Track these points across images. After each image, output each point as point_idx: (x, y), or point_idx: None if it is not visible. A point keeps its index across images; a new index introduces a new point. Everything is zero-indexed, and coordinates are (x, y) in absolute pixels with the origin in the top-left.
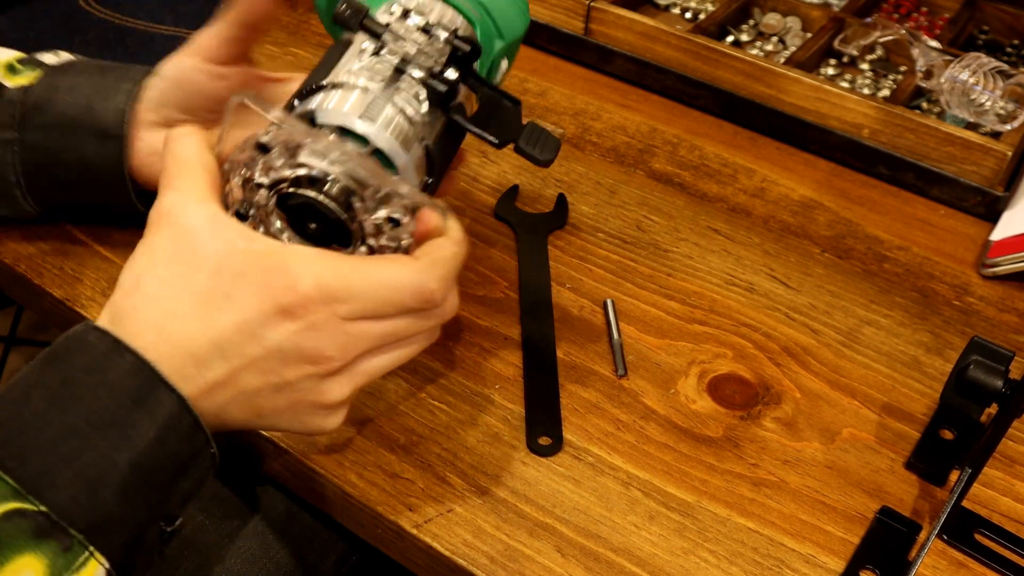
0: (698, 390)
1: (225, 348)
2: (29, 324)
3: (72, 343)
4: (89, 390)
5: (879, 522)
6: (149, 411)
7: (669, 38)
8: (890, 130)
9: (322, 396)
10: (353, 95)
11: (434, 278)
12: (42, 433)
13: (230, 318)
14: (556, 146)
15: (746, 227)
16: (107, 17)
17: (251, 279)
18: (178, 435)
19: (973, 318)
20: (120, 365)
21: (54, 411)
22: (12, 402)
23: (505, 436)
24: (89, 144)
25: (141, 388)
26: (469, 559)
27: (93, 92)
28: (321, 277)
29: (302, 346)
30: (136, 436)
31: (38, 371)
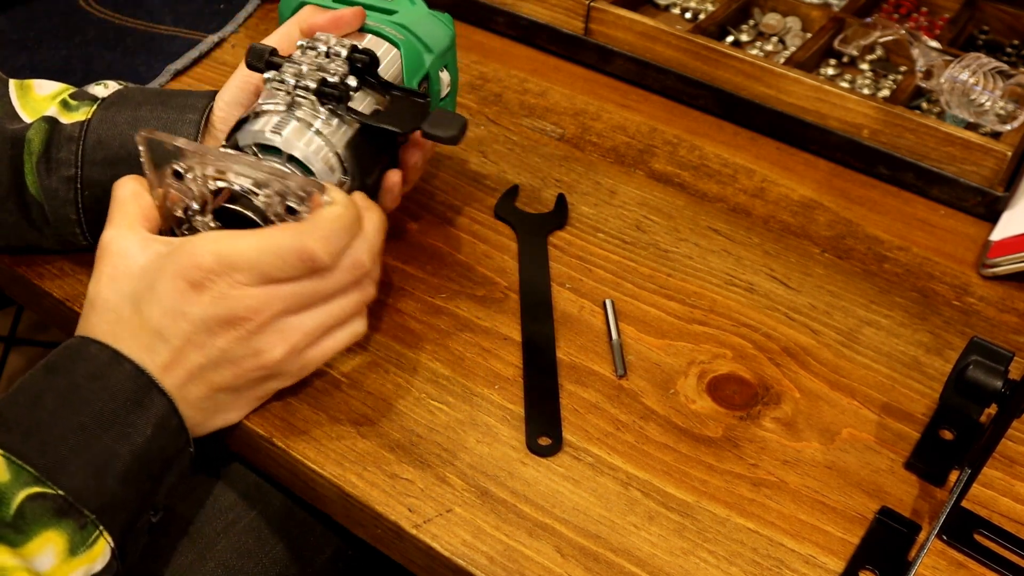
0: (698, 390)
1: (163, 333)
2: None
3: (73, 353)
4: (94, 393)
5: (879, 522)
6: (145, 411)
7: (669, 38)
8: (890, 130)
9: (259, 356)
10: (264, 117)
11: (313, 239)
12: (55, 429)
13: (158, 306)
14: (460, 123)
15: (746, 227)
16: (107, 17)
17: (166, 270)
18: (168, 433)
19: (973, 318)
20: (120, 372)
21: (64, 411)
22: (25, 405)
23: (504, 436)
24: None
25: (138, 392)
26: (468, 559)
27: (157, 124)
28: (218, 251)
29: (218, 313)
30: (134, 433)
31: (44, 378)
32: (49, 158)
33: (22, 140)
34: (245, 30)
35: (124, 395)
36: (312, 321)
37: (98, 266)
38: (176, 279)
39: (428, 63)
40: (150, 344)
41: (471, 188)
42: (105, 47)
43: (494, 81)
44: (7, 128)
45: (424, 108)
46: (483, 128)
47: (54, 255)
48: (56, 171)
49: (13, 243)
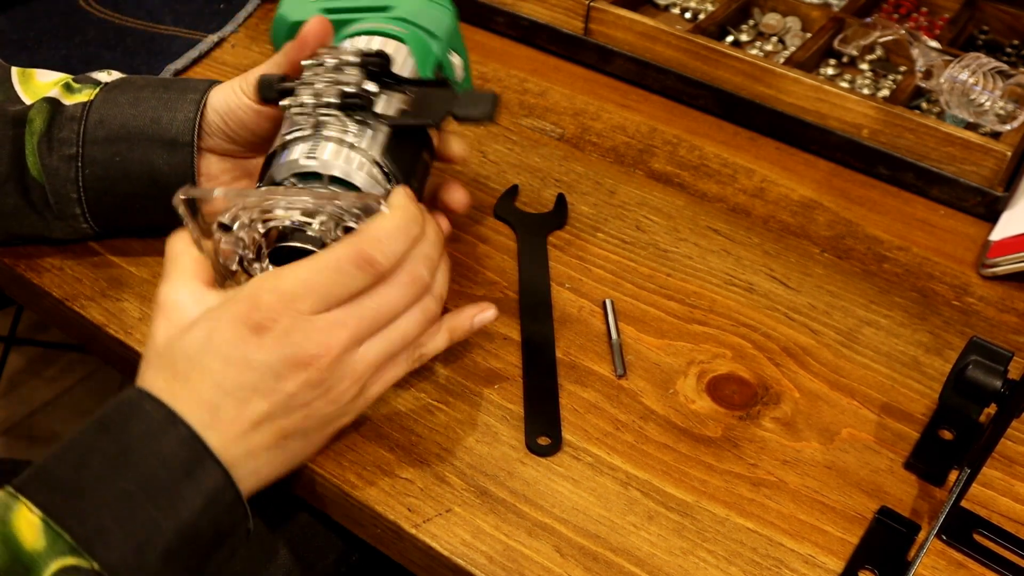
0: (697, 390)
1: (224, 385)
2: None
3: (128, 409)
4: (143, 458)
5: (878, 522)
6: (196, 482)
7: (669, 38)
8: (890, 130)
9: (329, 394)
10: (294, 147)
11: (367, 242)
12: (98, 495)
13: (217, 358)
14: (491, 99)
15: (746, 227)
16: (107, 17)
17: (223, 318)
18: (221, 507)
19: (973, 318)
20: (173, 436)
21: (110, 475)
22: (71, 464)
23: (504, 436)
24: (158, 155)
25: (191, 460)
26: (468, 559)
27: (159, 103)
28: (274, 286)
29: (286, 353)
30: (182, 506)
31: (94, 435)
32: (51, 137)
33: (24, 120)
34: (245, 30)
35: (175, 462)
36: (375, 350)
37: (153, 320)
38: (236, 326)
39: (437, 50)
40: (211, 399)
41: (471, 188)
42: (105, 47)
43: (494, 81)
44: (8, 110)
45: (450, 94)
46: (483, 128)
47: (55, 252)
48: (57, 150)
49: (14, 230)
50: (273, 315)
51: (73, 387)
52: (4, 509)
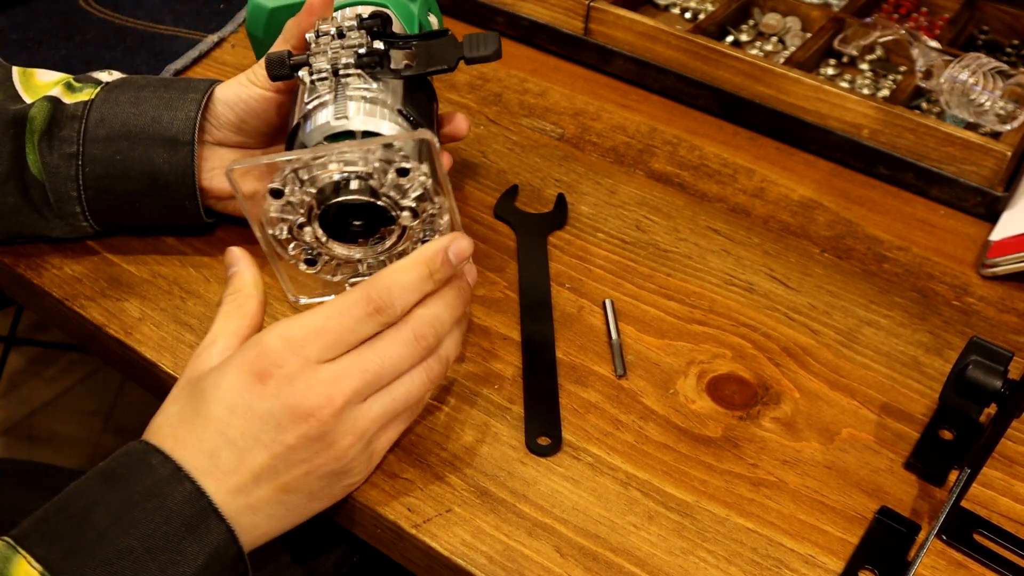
0: (697, 390)
1: (229, 434)
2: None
3: (135, 463)
4: (147, 514)
5: (878, 522)
6: (199, 539)
7: (669, 38)
8: (890, 130)
9: (331, 449)
10: (321, 112)
11: (377, 287)
12: (100, 551)
13: (221, 404)
14: (495, 38)
15: (746, 227)
16: (107, 17)
17: (232, 365)
18: (223, 564)
19: (973, 318)
20: (178, 492)
21: (113, 530)
22: (74, 516)
23: (504, 436)
24: (158, 153)
25: (195, 516)
26: (468, 559)
27: (160, 103)
28: (284, 331)
29: (288, 403)
30: (184, 563)
31: (99, 488)
32: (51, 136)
33: (24, 119)
34: (245, 30)
35: (179, 519)
36: (378, 407)
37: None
38: (242, 372)
39: (417, 11)
40: (213, 447)
41: (471, 188)
42: (105, 47)
43: (494, 81)
44: (9, 109)
45: (452, 40)
46: (483, 128)
47: (55, 252)
48: (58, 148)
49: (14, 229)
50: (279, 361)
51: (73, 387)
52: (3, 561)
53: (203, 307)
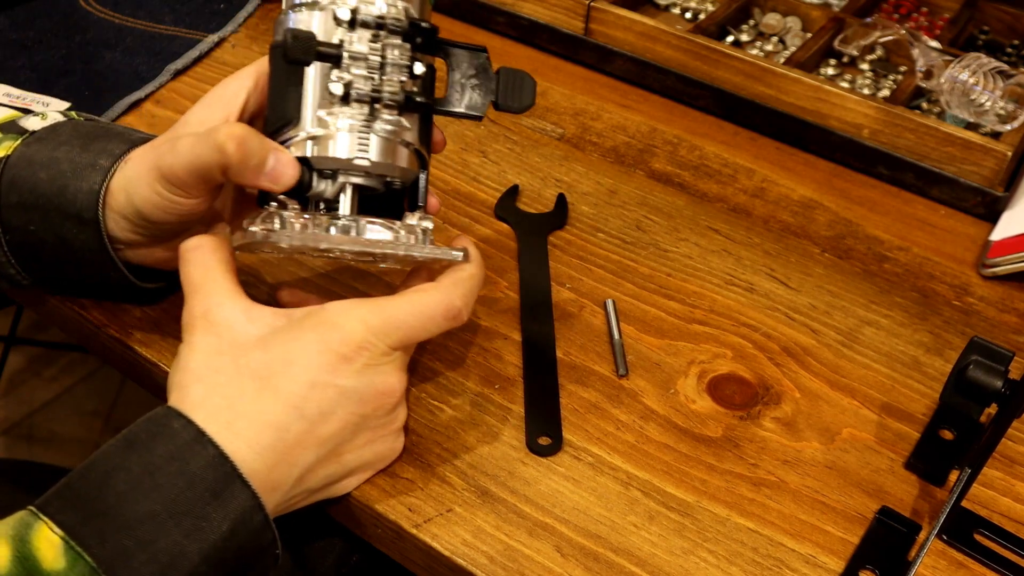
0: (698, 390)
1: (302, 406)
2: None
3: (156, 428)
4: (169, 478)
5: (879, 522)
6: (223, 504)
7: (669, 38)
8: (890, 130)
9: (394, 422)
10: (341, 136)
11: (458, 296)
12: (122, 515)
13: (300, 379)
14: (532, 88)
15: (746, 227)
16: (107, 16)
17: (305, 342)
18: (248, 531)
19: (973, 318)
20: (201, 456)
21: (135, 495)
22: (94, 482)
23: (505, 436)
24: (67, 228)
25: (218, 481)
26: (468, 559)
27: (69, 169)
28: (365, 318)
29: (374, 381)
30: (208, 528)
31: (120, 452)
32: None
33: None
34: (245, 30)
35: (203, 483)
36: None
37: (193, 339)
38: (323, 351)
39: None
40: (284, 422)
41: (471, 188)
42: (105, 47)
43: None
44: None
45: (488, 69)
46: (483, 128)
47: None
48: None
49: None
50: (365, 345)
51: (73, 387)
52: (24, 527)
53: None
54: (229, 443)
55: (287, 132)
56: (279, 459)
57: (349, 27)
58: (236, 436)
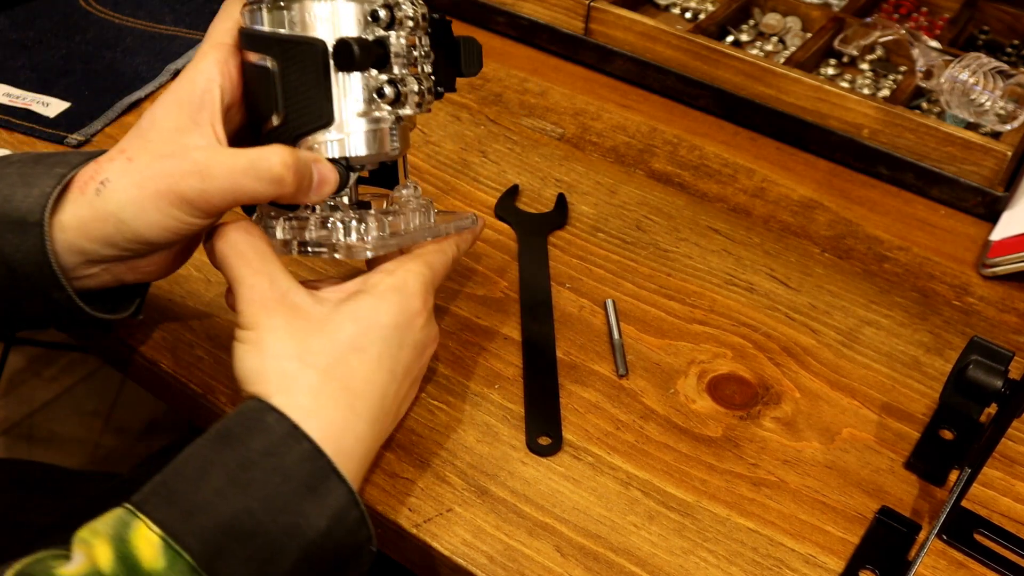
0: (698, 390)
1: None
2: None
3: (250, 422)
4: (265, 473)
5: (879, 522)
6: (320, 500)
7: (669, 38)
8: (890, 130)
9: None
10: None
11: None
12: (220, 512)
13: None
14: (480, 51)
15: (746, 227)
16: (107, 16)
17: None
18: (345, 528)
19: (973, 318)
20: (296, 451)
21: (232, 491)
22: (189, 478)
23: (505, 436)
24: (7, 239)
25: (314, 476)
26: (468, 559)
27: (18, 179)
28: (421, 272)
29: (429, 333)
30: (306, 525)
31: (213, 448)
32: None
33: None
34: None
35: (298, 478)
36: None
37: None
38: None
39: None
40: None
41: (471, 188)
42: (105, 47)
43: (494, 81)
44: None
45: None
46: (483, 128)
47: None
48: None
49: None
50: (424, 300)
51: (73, 387)
52: (123, 526)
53: (203, 307)
54: (320, 435)
55: (319, 134)
56: (369, 450)
57: (387, 27)
58: (327, 426)
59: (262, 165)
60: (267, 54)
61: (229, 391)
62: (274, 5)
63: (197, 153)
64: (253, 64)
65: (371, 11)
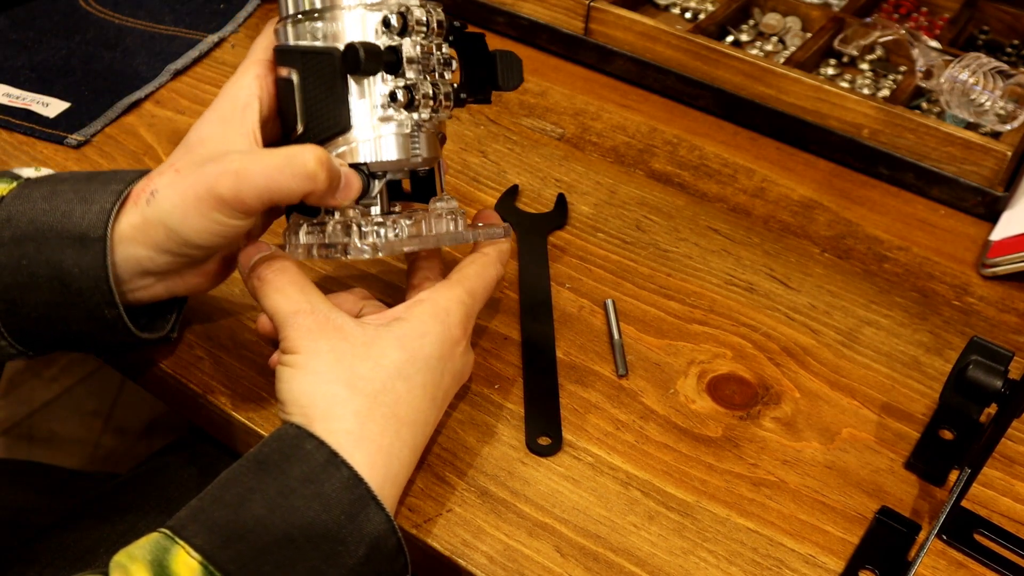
0: (698, 390)
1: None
2: None
3: (288, 449)
4: (305, 501)
5: (878, 522)
6: (359, 528)
7: (669, 38)
8: (890, 130)
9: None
10: (399, 140)
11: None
12: (261, 539)
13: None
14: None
15: (746, 227)
16: (107, 17)
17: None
18: (383, 555)
19: (973, 318)
20: (336, 478)
21: (272, 518)
22: (229, 505)
23: (504, 436)
24: (67, 253)
25: (354, 504)
26: (468, 559)
27: (75, 196)
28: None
29: (468, 360)
30: (346, 553)
31: (253, 474)
32: None
33: None
34: (245, 30)
35: (339, 507)
36: None
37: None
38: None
39: None
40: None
41: (471, 188)
42: (105, 47)
43: None
44: None
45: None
46: (483, 128)
47: None
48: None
49: None
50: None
51: (73, 387)
52: (163, 552)
53: (203, 306)
54: (359, 463)
55: (338, 140)
56: (407, 476)
57: (400, 34)
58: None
59: (297, 161)
60: (291, 67)
61: (228, 391)
62: (296, 20)
63: (234, 155)
64: (282, 78)
65: (383, 18)
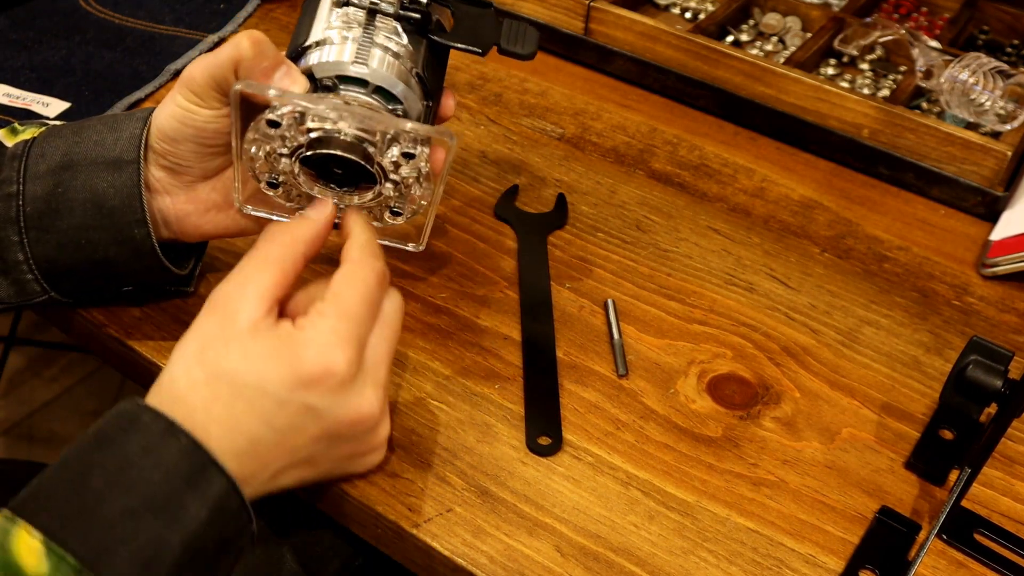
0: (698, 390)
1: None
2: (29, 324)
3: (125, 423)
4: (145, 472)
5: (879, 522)
6: (200, 492)
7: (669, 38)
8: (890, 130)
9: (374, 440)
10: (341, 46)
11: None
12: (101, 513)
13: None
14: (535, 38)
15: (746, 227)
16: (107, 16)
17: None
18: (226, 515)
19: (973, 318)
20: (174, 446)
21: (112, 492)
22: (69, 481)
23: (505, 436)
24: (101, 177)
25: (193, 469)
26: (468, 559)
27: (103, 128)
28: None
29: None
30: (187, 517)
31: (92, 451)
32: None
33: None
34: (245, 30)
35: (178, 474)
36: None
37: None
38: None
39: None
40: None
41: (471, 188)
42: (105, 47)
43: (494, 81)
44: None
45: (492, 19)
46: (483, 128)
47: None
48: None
49: None
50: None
51: (73, 387)
52: (2, 534)
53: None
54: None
55: (307, 54)
56: (251, 460)
57: None
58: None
59: (234, 40)
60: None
61: None
62: None
63: None
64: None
65: None
